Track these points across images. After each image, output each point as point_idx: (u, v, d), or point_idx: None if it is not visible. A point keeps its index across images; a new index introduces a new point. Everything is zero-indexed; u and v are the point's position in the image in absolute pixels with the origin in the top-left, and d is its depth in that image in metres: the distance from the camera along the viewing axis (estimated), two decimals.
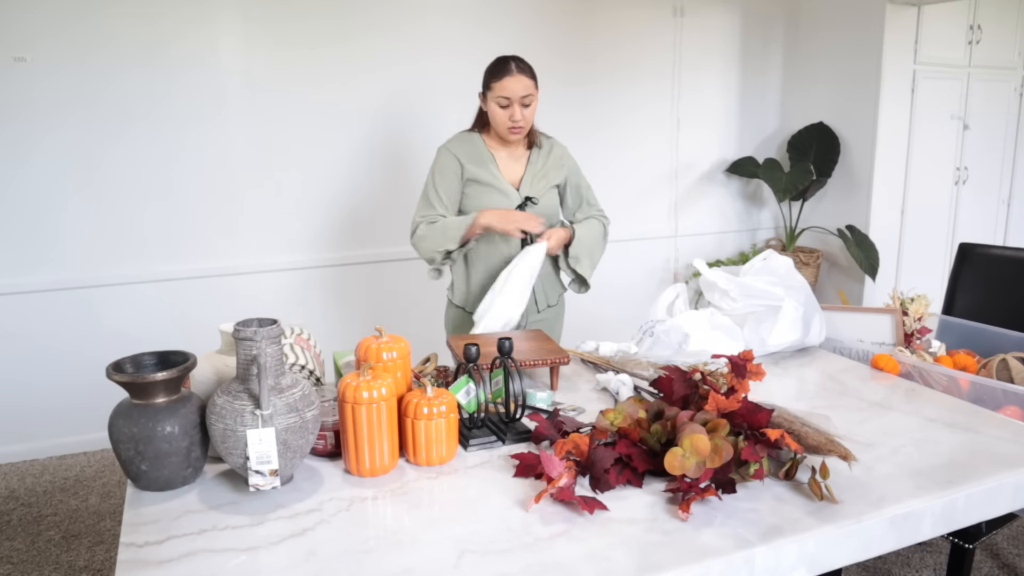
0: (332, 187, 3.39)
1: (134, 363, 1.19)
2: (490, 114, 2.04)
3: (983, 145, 4.42)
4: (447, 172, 2.08)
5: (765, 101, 4.34)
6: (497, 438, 1.34)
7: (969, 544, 1.80)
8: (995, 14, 4.24)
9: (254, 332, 1.11)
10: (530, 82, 1.98)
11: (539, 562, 0.98)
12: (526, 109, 1.99)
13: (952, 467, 1.25)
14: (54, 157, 2.95)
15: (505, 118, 2.00)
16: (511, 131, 2.02)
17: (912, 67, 3.99)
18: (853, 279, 4.18)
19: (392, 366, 1.31)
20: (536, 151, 2.15)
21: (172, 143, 3.10)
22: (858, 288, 4.16)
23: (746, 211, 4.43)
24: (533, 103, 2.01)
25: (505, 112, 1.99)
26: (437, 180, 2.09)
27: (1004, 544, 2.44)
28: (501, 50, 3.69)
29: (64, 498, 2.80)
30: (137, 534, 1.05)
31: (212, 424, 1.13)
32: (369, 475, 1.22)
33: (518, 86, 1.96)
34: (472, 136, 2.13)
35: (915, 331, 1.91)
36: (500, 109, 1.99)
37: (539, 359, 1.58)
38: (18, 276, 2.98)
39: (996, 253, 2.36)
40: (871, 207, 4.03)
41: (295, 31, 3.20)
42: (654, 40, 3.94)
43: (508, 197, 2.08)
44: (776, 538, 1.04)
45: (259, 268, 3.33)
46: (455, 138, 2.14)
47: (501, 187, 2.08)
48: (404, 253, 3.58)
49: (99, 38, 2.92)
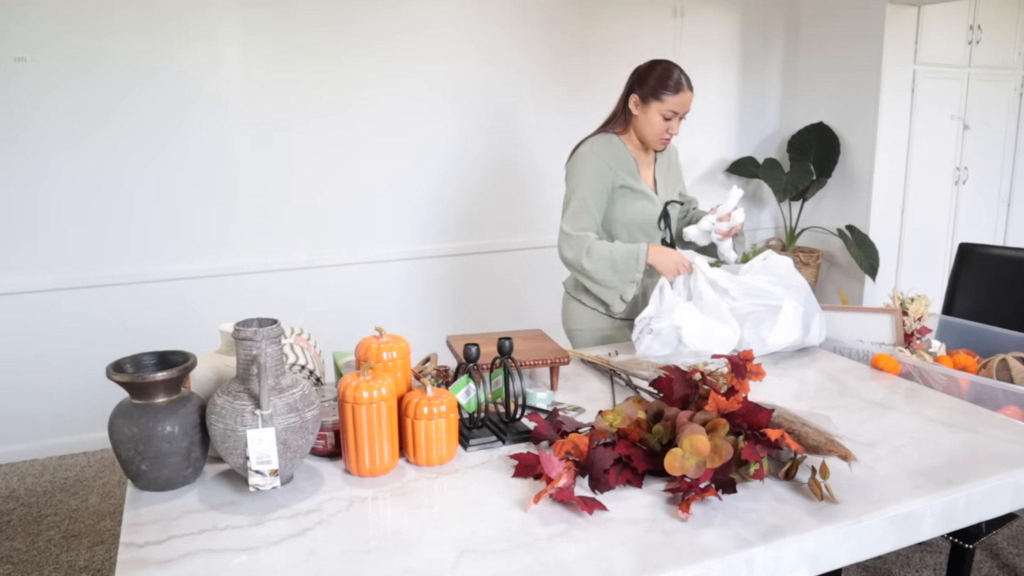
0: (332, 187, 3.39)
1: (134, 363, 1.19)
2: (644, 121, 1.98)
3: (983, 145, 4.42)
4: (602, 179, 2.00)
5: (765, 101, 4.34)
6: (497, 438, 1.34)
7: (969, 544, 1.80)
8: (995, 14, 4.24)
9: (254, 332, 1.11)
10: (693, 97, 1.99)
11: (539, 562, 0.98)
12: (681, 122, 2.00)
13: (952, 467, 1.25)
14: (54, 157, 2.95)
15: (663, 130, 1.97)
16: (663, 141, 2.01)
17: (912, 67, 3.99)
18: (853, 279, 4.18)
19: (392, 366, 1.31)
20: (659, 155, 2.13)
21: (172, 143, 3.10)
22: (858, 288, 4.16)
23: (746, 211, 4.42)
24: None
25: (666, 124, 1.97)
26: (592, 187, 2.00)
27: (1004, 544, 2.44)
28: (500, 52, 3.71)
29: (64, 498, 2.80)
30: (137, 534, 1.05)
31: (212, 424, 1.13)
32: (369, 475, 1.22)
33: (688, 102, 1.96)
34: (612, 139, 2.04)
35: (915, 331, 1.91)
36: (662, 120, 1.96)
37: (539, 359, 1.58)
38: (18, 276, 2.98)
39: (996, 253, 2.36)
40: (871, 207, 4.03)
41: (296, 31, 3.20)
42: (654, 41, 3.94)
43: (655, 203, 2.05)
44: (776, 538, 1.04)
45: (259, 268, 3.33)
46: (598, 142, 2.04)
47: (648, 194, 2.04)
48: (405, 253, 3.58)
49: (99, 38, 2.92)
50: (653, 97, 1.96)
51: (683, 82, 1.95)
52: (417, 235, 3.60)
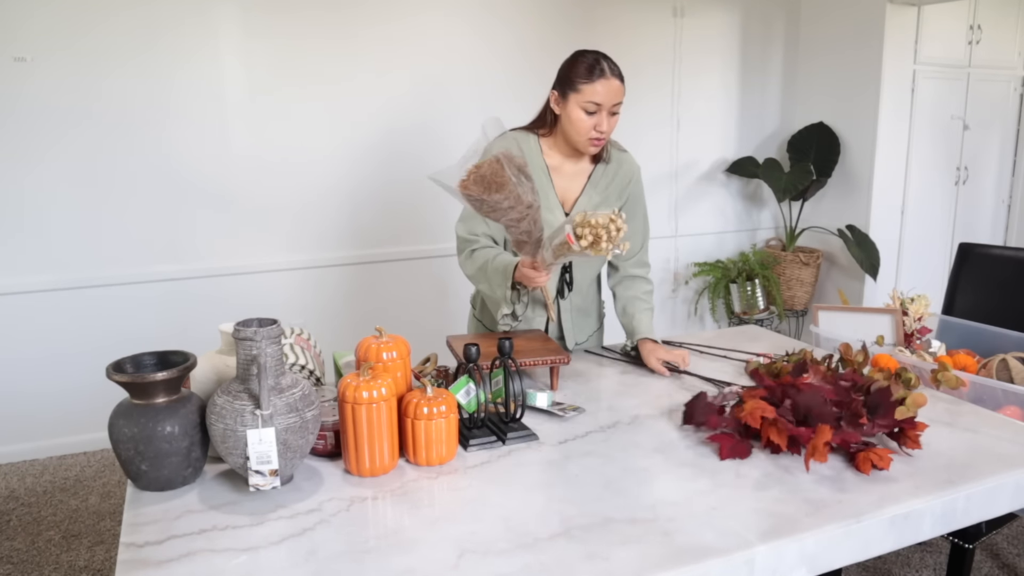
0: (333, 187, 3.39)
1: (134, 363, 1.19)
2: (567, 119, 1.72)
3: (983, 145, 4.42)
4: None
5: (765, 101, 4.34)
6: (497, 438, 1.34)
7: (969, 544, 1.80)
8: (995, 14, 4.24)
9: (254, 332, 1.11)
10: (622, 87, 1.70)
11: (539, 562, 0.98)
12: (613, 118, 1.71)
13: (952, 467, 1.25)
14: (54, 157, 2.95)
15: (589, 126, 1.70)
16: (592, 142, 1.72)
17: (912, 67, 3.99)
18: (853, 279, 4.18)
19: (392, 366, 1.31)
20: (602, 167, 1.83)
21: (172, 143, 3.10)
22: (858, 288, 4.16)
23: (746, 211, 4.43)
24: (619, 111, 1.73)
25: (591, 120, 1.69)
26: None
27: (1004, 544, 2.44)
28: (499, 51, 3.71)
29: (64, 498, 2.80)
30: (137, 534, 1.05)
31: (212, 424, 1.13)
32: (369, 475, 1.22)
33: (611, 91, 1.67)
34: (527, 138, 1.80)
35: (915, 331, 1.91)
36: (585, 116, 1.69)
37: (539, 359, 1.58)
38: (18, 276, 2.98)
39: (996, 253, 2.36)
40: (871, 207, 4.03)
41: (294, 32, 3.20)
42: (654, 40, 3.94)
43: (554, 217, 1.77)
44: (776, 538, 1.04)
45: (259, 268, 3.33)
46: (505, 137, 1.81)
47: (548, 204, 1.77)
48: (404, 253, 3.58)
49: (99, 38, 2.92)
50: (570, 88, 1.70)
51: (604, 68, 1.67)
52: (417, 235, 3.60)
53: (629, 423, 1.44)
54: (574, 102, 1.69)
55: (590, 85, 1.67)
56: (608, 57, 1.70)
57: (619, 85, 1.69)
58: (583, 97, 1.68)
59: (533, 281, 1.61)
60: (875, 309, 1.97)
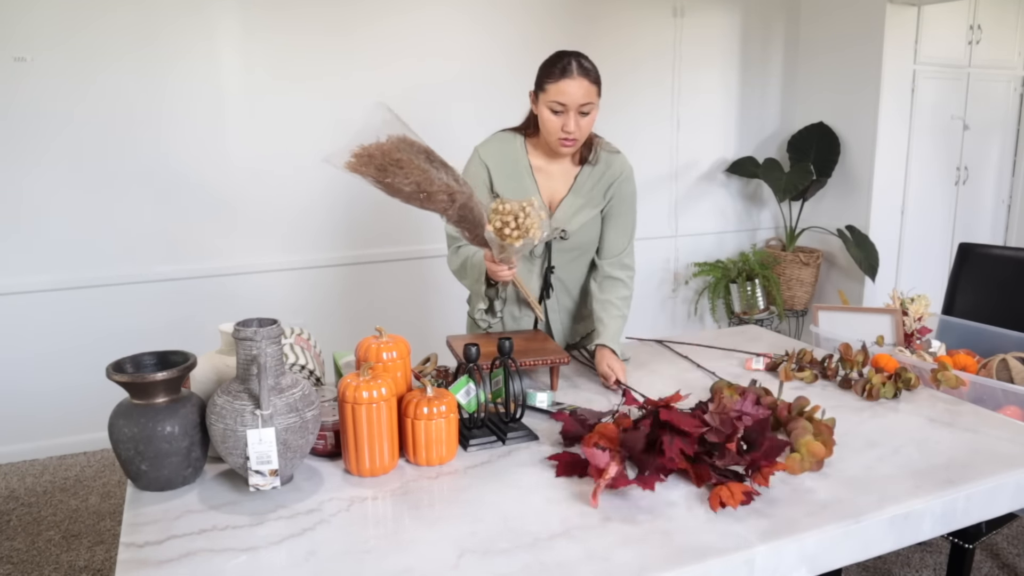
0: (332, 187, 3.39)
1: (134, 363, 1.19)
2: (540, 119, 1.71)
3: (983, 145, 4.42)
4: (476, 179, 1.78)
5: (765, 101, 4.34)
6: (497, 438, 1.34)
7: (969, 544, 1.80)
8: (995, 14, 4.24)
9: (254, 332, 1.11)
10: (592, 88, 1.66)
11: (539, 562, 0.98)
12: (583, 119, 1.67)
13: (952, 467, 1.25)
14: (54, 157, 2.95)
15: (557, 127, 1.67)
16: (562, 143, 1.69)
17: (912, 67, 3.99)
18: (853, 279, 4.18)
19: (392, 366, 1.31)
20: (587, 169, 1.80)
21: (172, 143, 3.10)
22: (858, 288, 4.16)
23: (746, 211, 4.43)
24: (593, 112, 1.68)
25: (558, 120, 1.67)
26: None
27: (1004, 544, 2.44)
28: (499, 50, 3.71)
29: (64, 498, 2.80)
30: (137, 534, 1.05)
31: (212, 424, 1.13)
32: (369, 475, 1.22)
33: (577, 91, 1.63)
34: (513, 140, 1.81)
35: (915, 331, 1.91)
36: (552, 116, 1.67)
37: (539, 359, 1.58)
38: (18, 276, 2.98)
39: (996, 253, 2.36)
40: (871, 207, 4.03)
41: (293, 32, 3.20)
42: (654, 40, 3.94)
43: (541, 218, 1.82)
44: (776, 538, 1.04)
45: (259, 268, 3.33)
46: (491, 139, 1.82)
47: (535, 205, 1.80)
48: (404, 253, 3.58)
49: (99, 38, 2.92)
50: (539, 88, 1.69)
51: (571, 68, 1.63)
52: (417, 235, 3.60)
53: None
54: (542, 102, 1.68)
55: (555, 84, 1.64)
56: (583, 57, 1.67)
57: (588, 85, 1.65)
58: (548, 96, 1.66)
59: (497, 275, 1.62)
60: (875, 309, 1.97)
